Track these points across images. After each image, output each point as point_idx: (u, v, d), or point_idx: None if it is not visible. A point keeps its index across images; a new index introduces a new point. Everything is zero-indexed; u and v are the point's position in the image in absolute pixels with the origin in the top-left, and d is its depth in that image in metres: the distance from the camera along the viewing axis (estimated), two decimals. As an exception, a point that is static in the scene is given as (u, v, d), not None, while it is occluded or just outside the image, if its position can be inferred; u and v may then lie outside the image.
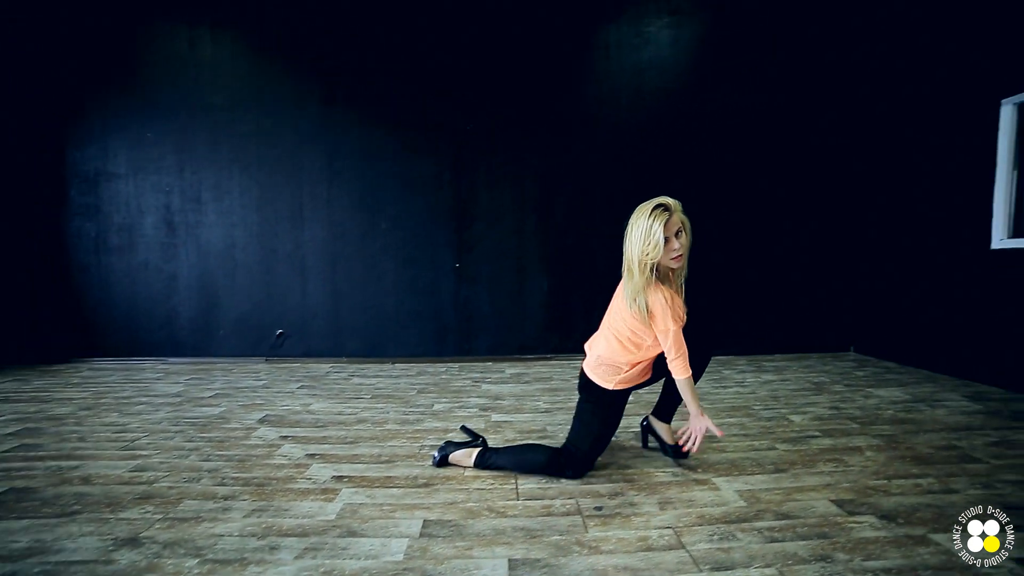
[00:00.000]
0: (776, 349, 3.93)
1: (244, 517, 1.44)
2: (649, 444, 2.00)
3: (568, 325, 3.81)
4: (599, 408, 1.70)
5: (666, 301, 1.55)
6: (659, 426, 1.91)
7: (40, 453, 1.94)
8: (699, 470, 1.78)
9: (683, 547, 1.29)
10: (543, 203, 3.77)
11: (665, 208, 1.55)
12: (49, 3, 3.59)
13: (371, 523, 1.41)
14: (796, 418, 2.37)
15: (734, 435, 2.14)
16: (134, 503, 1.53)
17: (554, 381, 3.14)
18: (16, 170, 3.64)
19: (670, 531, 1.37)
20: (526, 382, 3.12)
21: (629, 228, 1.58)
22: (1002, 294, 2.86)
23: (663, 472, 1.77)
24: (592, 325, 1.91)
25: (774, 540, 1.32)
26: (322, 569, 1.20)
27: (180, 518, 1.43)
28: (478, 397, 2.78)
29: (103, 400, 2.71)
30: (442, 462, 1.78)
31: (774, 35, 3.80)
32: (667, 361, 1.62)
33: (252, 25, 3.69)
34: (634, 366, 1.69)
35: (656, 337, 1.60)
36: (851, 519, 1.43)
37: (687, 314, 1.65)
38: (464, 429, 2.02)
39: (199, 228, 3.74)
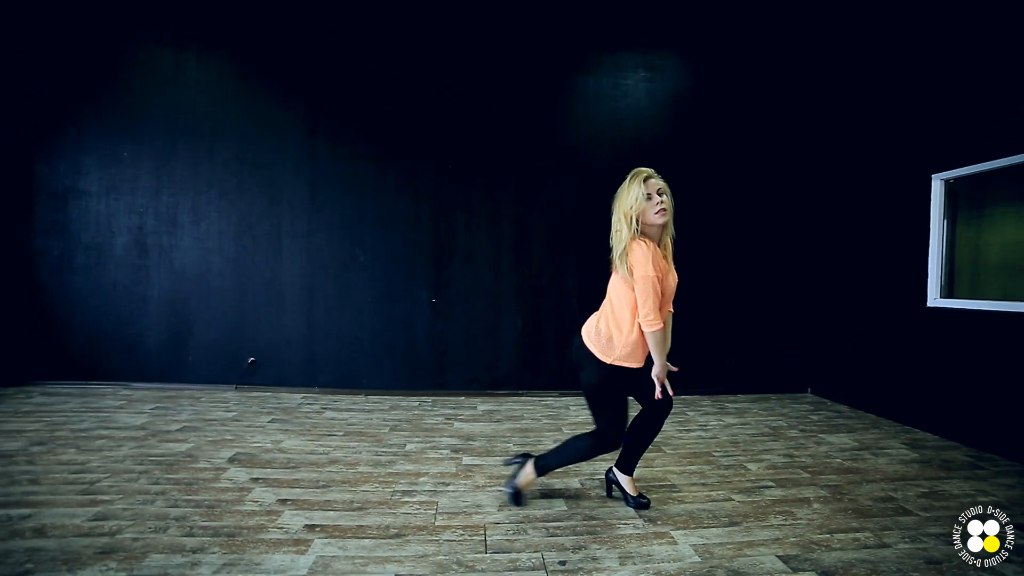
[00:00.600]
0: (739, 390, 4.13)
1: (214, 574, 1.45)
2: (613, 494, 2.09)
3: (540, 363, 3.91)
4: (603, 395, 1.82)
5: (647, 250, 1.71)
6: (622, 478, 2.01)
7: (-7, 496, 1.88)
8: (659, 522, 1.88)
9: (640, 606, 1.37)
10: (519, 243, 3.90)
11: (645, 172, 1.83)
12: (30, 9, 3.54)
13: (344, 574, 1.44)
14: (753, 466, 2.52)
15: (694, 484, 2.26)
16: (95, 558, 1.50)
17: (524, 420, 3.21)
18: (-20, 184, 3.52)
19: (629, 588, 1.45)
20: (497, 420, 3.18)
21: (616, 197, 1.84)
22: (936, 347, 3.13)
23: (625, 523, 1.86)
24: (564, 363, 2.04)
25: (723, 598, 1.42)
26: (293, 633, 1.22)
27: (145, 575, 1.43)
28: (450, 437, 2.82)
29: (58, 433, 2.62)
30: (516, 497, 1.94)
31: (735, 102, 4.10)
32: (640, 315, 1.72)
33: (239, 53, 3.73)
34: (630, 335, 1.78)
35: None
36: (794, 575, 1.55)
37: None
38: (509, 463, 2.10)
39: (173, 251, 3.69)
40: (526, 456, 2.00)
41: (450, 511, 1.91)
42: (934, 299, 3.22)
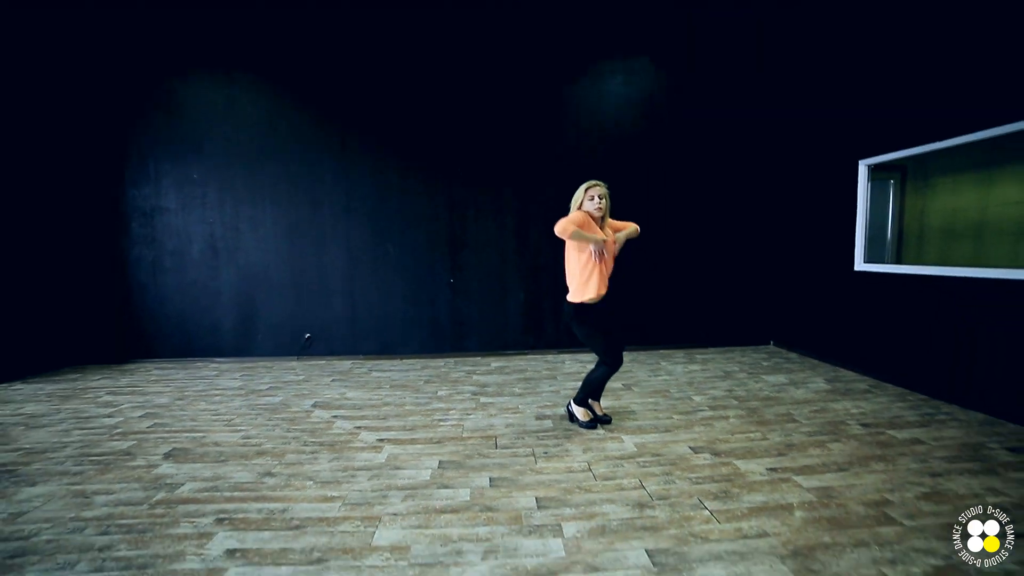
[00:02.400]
0: (710, 343, 4.93)
1: (328, 463, 2.36)
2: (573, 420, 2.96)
3: (540, 328, 4.76)
4: (584, 328, 2.60)
5: (577, 215, 2.49)
6: (594, 404, 2.86)
7: (174, 428, 2.82)
8: (615, 432, 2.74)
9: (590, 470, 2.24)
10: (520, 232, 4.69)
11: (594, 183, 2.60)
12: (111, 61, 4.34)
13: (407, 461, 2.34)
14: (697, 398, 3.36)
15: (648, 411, 3.11)
16: (251, 456, 2.43)
17: (528, 372, 4.09)
18: (87, 207, 4.42)
19: (585, 463, 2.33)
20: (507, 373, 4.07)
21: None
22: (861, 303, 3.88)
23: (592, 433, 2.73)
24: (560, 328, 2.85)
25: (644, 466, 2.29)
26: (387, 470, 2.13)
27: (290, 463, 2.35)
28: (470, 385, 3.71)
29: (186, 392, 3.58)
30: (591, 424, 2.78)
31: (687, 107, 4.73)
32: (555, 229, 2.46)
33: (280, 84, 4.48)
34: (579, 279, 2.56)
35: (589, 247, 2.50)
36: (695, 455, 2.40)
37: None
38: (565, 418, 2.96)
39: (238, 253, 4.57)
40: (568, 406, 2.89)
41: (471, 429, 2.80)
42: (860, 264, 3.95)
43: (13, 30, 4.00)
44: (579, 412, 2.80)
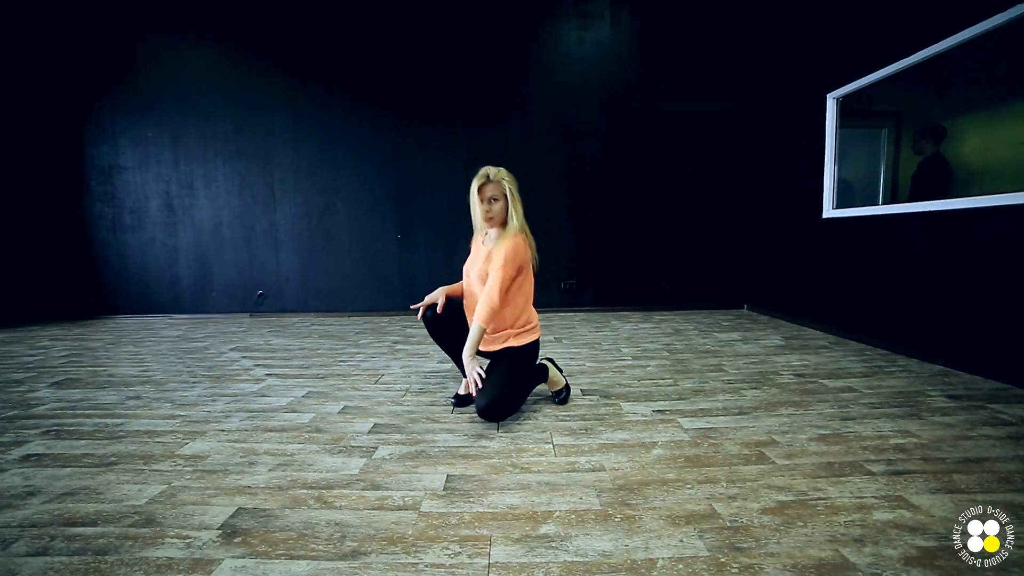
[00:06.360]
0: (680, 307, 4.63)
1: (207, 390, 2.31)
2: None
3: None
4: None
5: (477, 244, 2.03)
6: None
7: (83, 363, 2.85)
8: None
9: (451, 403, 2.09)
10: (468, 185, 4.49)
11: (485, 176, 1.87)
12: (66, 25, 4.40)
13: (276, 391, 2.26)
14: (627, 350, 3.13)
15: (564, 359, 2.91)
16: (137, 384, 2.41)
17: (468, 328, 3.94)
18: (45, 165, 4.54)
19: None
20: (446, 329, 3.93)
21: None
22: (828, 254, 3.51)
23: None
24: None
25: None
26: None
27: (165, 390, 2.31)
28: (397, 337, 3.61)
29: (123, 339, 3.63)
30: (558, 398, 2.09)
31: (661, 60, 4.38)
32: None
33: (230, 40, 4.44)
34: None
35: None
36: (582, 397, 2.21)
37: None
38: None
39: (193, 210, 4.60)
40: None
41: (365, 368, 2.69)
42: (829, 211, 3.57)
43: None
44: (553, 381, 2.10)
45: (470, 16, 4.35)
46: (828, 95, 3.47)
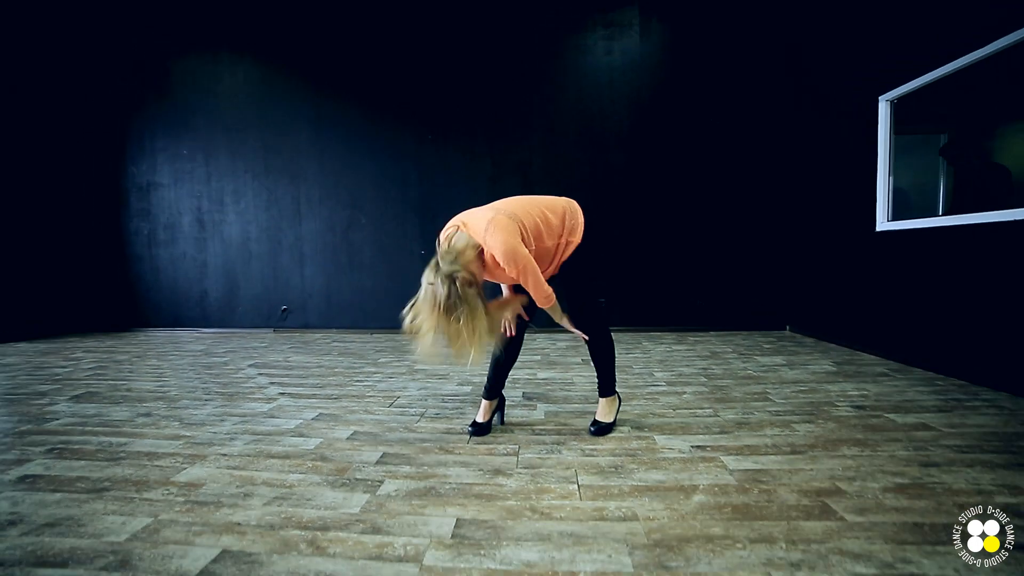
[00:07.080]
0: (716, 328, 4.34)
1: (217, 409, 2.23)
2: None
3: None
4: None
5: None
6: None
7: (107, 376, 2.85)
8: (533, 400, 2.39)
9: (467, 433, 1.93)
10: (492, 198, 4.39)
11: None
12: (103, 43, 4.63)
13: (287, 412, 2.15)
14: (660, 374, 2.89)
15: (590, 383, 2.69)
16: (151, 400, 2.36)
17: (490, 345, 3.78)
18: (88, 182, 4.73)
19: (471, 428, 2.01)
20: (467, 347, 3.79)
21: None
22: (884, 271, 3.19)
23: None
24: None
25: (537, 434, 1.93)
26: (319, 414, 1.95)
27: (176, 407, 2.24)
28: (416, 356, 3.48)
29: (150, 352, 3.66)
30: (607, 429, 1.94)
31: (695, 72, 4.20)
32: None
33: (259, 60, 4.55)
34: None
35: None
36: (634, 432, 1.99)
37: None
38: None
39: (222, 225, 4.68)
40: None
41: (381, 390, 2.56)
42: (883, 223, 3.26)
43: (23, 21, 4.36)
44: (608, 411, 1.99)
45: (494, 26, 4.31)
46: (880, 98, 3.20)
